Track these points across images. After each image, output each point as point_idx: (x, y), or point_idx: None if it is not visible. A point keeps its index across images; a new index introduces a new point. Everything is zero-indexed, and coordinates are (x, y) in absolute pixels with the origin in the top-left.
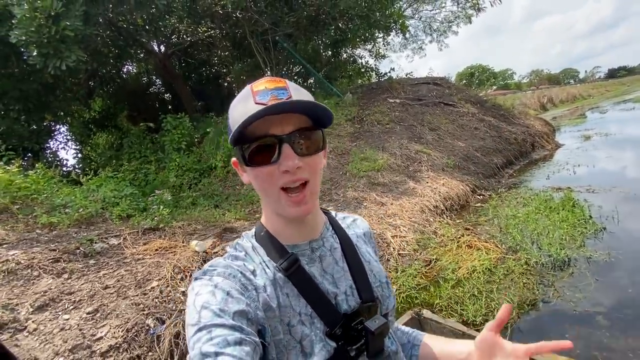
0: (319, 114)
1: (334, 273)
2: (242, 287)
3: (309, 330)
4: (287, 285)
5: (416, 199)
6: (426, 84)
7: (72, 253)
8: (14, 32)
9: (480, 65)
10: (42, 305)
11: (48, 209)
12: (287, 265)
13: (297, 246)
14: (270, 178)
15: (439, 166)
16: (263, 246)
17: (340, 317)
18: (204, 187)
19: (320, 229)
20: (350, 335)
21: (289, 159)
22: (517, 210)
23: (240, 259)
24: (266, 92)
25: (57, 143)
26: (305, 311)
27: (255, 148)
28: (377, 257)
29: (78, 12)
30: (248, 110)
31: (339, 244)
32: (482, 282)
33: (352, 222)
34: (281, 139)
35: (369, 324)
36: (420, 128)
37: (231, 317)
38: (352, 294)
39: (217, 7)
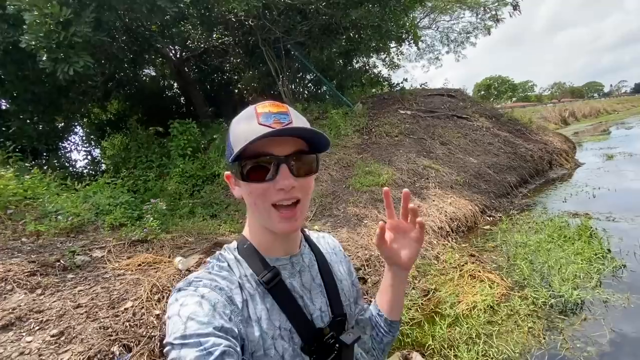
0: (316, 140)
1: (312, 289)
2: (228, 300)
3: (287, 344)
4: (268, 299)
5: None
6: (440, 95)
7: (50, 266)
8: (24, 37)
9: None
10: (7, 325)
11: (38, 216)
12: (269, 279)
13: (278, 260)
14: (264, 194)
15: (448, 183)
16: (245, 259)
17: (316, 332)
18: (206, 194)
19: (298, 245)
20: (323, 350)
21: (285, 178)
22: (527, 237)
23: (225, 270)
24: (270, 115)
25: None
26: (285, 325)
27: (254, 165)
28: (349, 274)
29: (88, 18)
30: (252, 130)
31: (316, 260)
32: (482, 323)
33: (323, 240)
34: (280, 159)
35: (344, 337)
36: (431, 142)
37: (218, 329)
38: (327, 310)
39: (230, 15)
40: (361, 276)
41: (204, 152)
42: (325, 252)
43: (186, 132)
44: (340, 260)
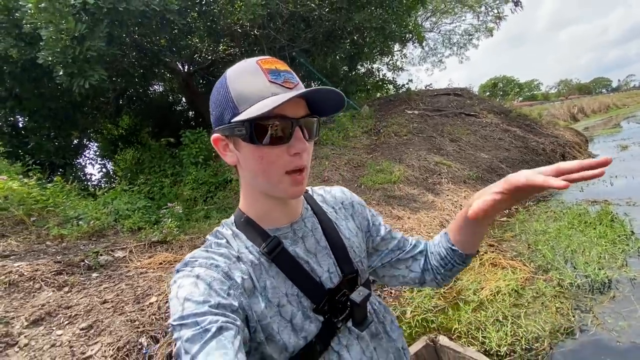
0: (328, 102)
1: (317, 252)
2: (225, 276)
3: (296, 309)
4: (272, 268)
5: (435, 212)
6: (446, 94)
7: (76, 265)
8: (41, 54)
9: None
10: (37, 320)
11: (61, 221)
12: (270, 249)
13: (278, 229)
14: (278, 159)
15: (460, 178)
16: (244, 232)
17: (325, 293)
18: (219, 200)
19: (300, 210)
20: (336, 308)
21: (301, 142)
22: (547, 225)
23: (223, 246)
24: (277, 72)
25: (86, 159)
26: (291, 291)
27: (268, 127)
28: (360, 226)
29: (102, 33)
30: (264, 87)
31: (319, 223)
32: (508, 306)
33: (329, 196)
34: (295, 122)
35: (354, 296)
36: (440, 139)
37: (214, 307)
38: (335, 270)
39: (236, 26)
40: None
41: (215, 160)
42: (331, 210)
43: (197, 141)
44: (348, 216)
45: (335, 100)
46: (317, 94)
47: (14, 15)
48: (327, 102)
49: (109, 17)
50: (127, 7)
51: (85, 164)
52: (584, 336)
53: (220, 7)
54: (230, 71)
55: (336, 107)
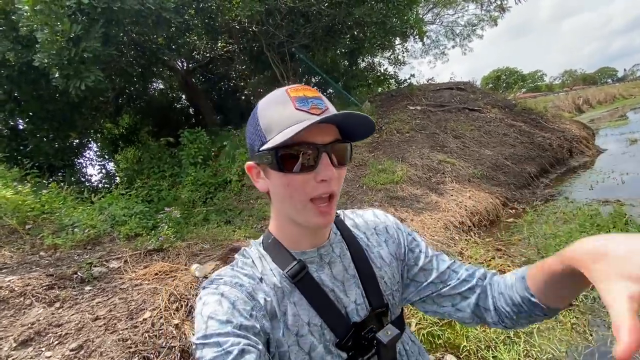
0: (358, 127)
1: (344, 280)
2: (249, 296)
3: (317, 341)
4: (295, 294)
5: (439, 214)
6: (449, 89)
7: (68, 278)
8: (37, 56)
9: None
10: (26, 340)
11: (56, 229)
12: (294, 273)
13: (305, 253)
14: (302, 187)
15: (465, 177)
16: (270, 254)
17: (350, 327)
18: (219, 201)
19: (328, 235)
20: (361, 345)
21: (328, 168)
22: (557, 228)
23: (248, 266)
24: (305, 99)
25: (86, 159)
26: (314, 321)
27: (294, 155)
28: (396, 254)
29: (97, 34)
30: (291, 116)
31: (348, 249)
32: None
33: (361, 221)
34: (321, 148)
35: (381, 335)
36: (443, 136)
37: (237, 327)
38: (363, 302)
39: (234, 23)
40: None
41: (215, 160)
42: (362, 236)
43: (196, 141)
44: (382, 242)
45: (366, 124)
46: (345, 118)
47: (11, 18)
48: (358, 126)
49: (104, 17)
50: (121, 7)
51: (85, 164)
52: (603, 358)
53: (218, 4)
54: (261, 102)
55: (368, 131)
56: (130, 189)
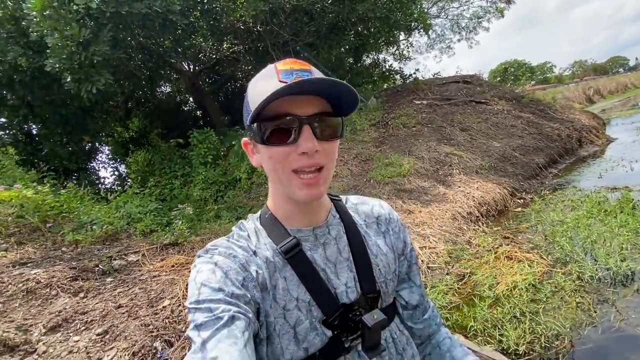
0: (343, 99)
1: (337, 262)
2: (241, 267)
3: (304, 317)
4: (287, 269)
5: (447, 205)
6: (455, 82)
7: (90, 271)
8: (49, 61)
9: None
10: (54, 326)
11: (75, 227)
12: (287, 249)
13: (300, 231)
14: (285, 159)
15: (472, 169)
16: (266, 228)
17: (338, 306)
18: (229, 199)
19: (324, 216)
20: (347, 326)
21: (308, 141)
22: (564, 215)
23: (243, 239)
24: (290, 72)
25: (99, 162)
26: (303, 297)
27: (275, 127)
28: (394, 247)
29: (106, 37)
30: (272, 88)
31: (345, 233)
32: (526, 301)
33: (365, 208)
34: (302, 120)
35: (367, 318)
36: (450, 129)
37: (228, 295)
38: (354, 285)
39: (239, 24)
40: None
41: (224, 159)
42: (362, 222)
43: (205, 141)
44: (380, 232)
45: (349, 95)
46: (327, 88)
47: (21, 24)
48: (344, 99)
49: (113, 21)
50: (129, 11)
51: (98, 167)
52: (607, 332)
53: (223, 5)
54: (252, 79)
55: (352, 103)
56: (144, 188)
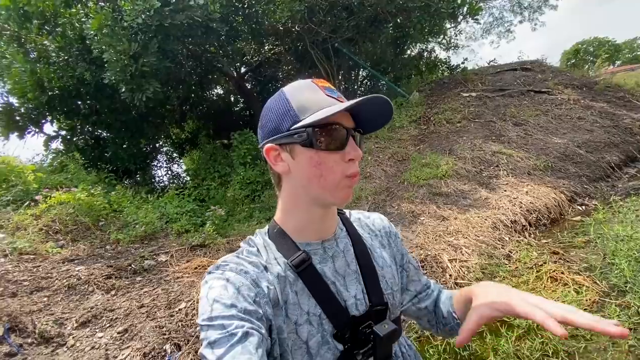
0: (371, 118)
1: (346, 275)
2: (253, 283)
3: (316, 330)
4: (298, 283)
5: (488, 211)
6: (512, 70)
7: (124, 269)
8: (107, 74)
9: (595, 38)
10: (85, 322)
11: (121, 226)
12: (298, 262)
13: (309, 245)
14: (335, 165)
15: (524, 169)
16: (275, 243)
17: (349, 319)
18: (266, 199)
19: (334, 229)
20: (358, 339)
21: (355, 149)
22: (633, 229)
23: (253, 254)
24: (331, 90)
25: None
26: (314, 311)
27: (328, 134)
28: (394, 259)
29: (153, 49)
30: (324, 100)
31: (352, 246)
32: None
33: (368, 222)
34: (350, 131)
35: (378, 328)
36: (501, 124)
37: (241, 311)
38: (363, 298)
39: (278, 25)
40: None
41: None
42: (367, 235)
43: (245, 142)
44: (384, 244)
45: (384, 115)
46: (369, 106)
47: (86, 43)
48: (372, 120)
49: (158, 33)
50: (172, 22)
51: (156, 167)
52: None
53: (263, 9)
54: (288, 87)
55: (383, 122)
56: (185, 189)
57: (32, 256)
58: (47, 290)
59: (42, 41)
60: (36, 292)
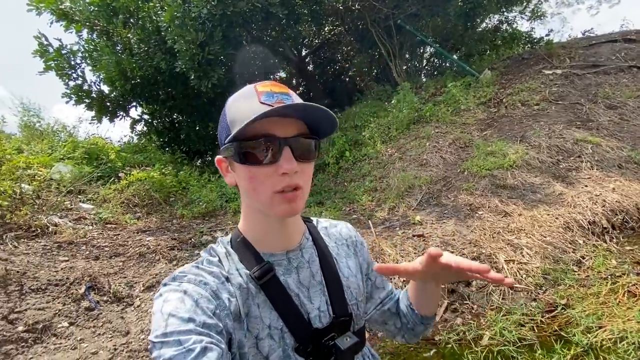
0: (318, 122)
1: (310, 287)
2: (213, 295)
3: (277, 345)
4: (259, 296)
5: (561, 209)
6: (610, 42)
7: (185, 242)
8: (178, 63)
9: None
10: (150, 286)
11: (186, 203)
12: (261, 274)
13: (273, 255)
14: (267, 179)
15: (613, 162)
16: (238, 253)
17: (311, 332)
18: (318, 182)
19: (298, 239)
20: (320, 352)
21: (289, 161)
22: None
23: (214, 265)
24: (271, 94)
25: None
26: (275, 324)
27: (255, 147)
28: (360, 269)
29: (218, 38)
30: (253, 108)
31: (317, 256)
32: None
33: (334, 231)
34: (282, 141)
35: (340, 342)
36: (590, 106)
37: (200, 325)
38: (327, 309)
39: (338, 4)
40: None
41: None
42: (333, 245)
43: None
44: (350, 254)
45: (328, 121)
46: (308, 112)
47: (162, 34)
48: (323, 123)
49: (222, 21)
50: (234, 10)
51: None
52: None
53: None
54: (230, 98)
55: (331, 126)
56: None
57: (114, 225)
58: (123, 256)
59: (126, 34)
60: (114, 257)
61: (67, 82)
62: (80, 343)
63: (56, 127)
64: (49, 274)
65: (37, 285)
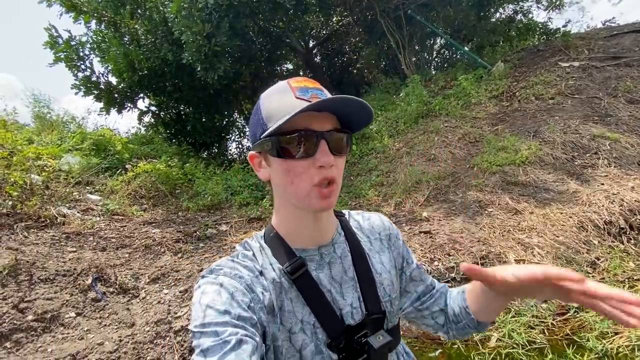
0: (353, 116)
1: (342, 282)
2: (247, 288)
3: (309, 339)
4: (292, 290)
5: (575, 208)
6: (633, 32)
7: (190, 235)
8: (184, 55)
9: None
10: (155, 278)
11: (192, 195)
12: (293, 269)
13: (305, 251)
14: (303, 172)
15: (632, 159)
16: (271, 248)
17: (343, 328)
18: None
19: (331, 234)
20: (353, 349)
21: (326, 155)
22: None
23: (249, 259)
24: (306, 89)
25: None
26: (308, 319)
27: (293, 141)
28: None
29: (225, 29)
30: (291, 103)
31: (350, 251)
32: None
33: (367, 224)
34: (320, 135)
35: (372, 340)
36: (609, 100)
37: (235, 318)
38: (359, 306)
39: None
40: None
41: None
42: (366, 240)
43: None
44: (384, 248)
45: (365, 113)
46: (343, 106)
47: (168, 25)
48: (356, 116)
49: (229, 12)
50: (241, 1)
51: (231, 141)
52: None
53: None
54: (264, 93)
55: (366, 121)
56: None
57: (121, 217)
58: (129, 248)
59: (133, 25)
60: (120, 249)
61: (76, 73)
62: (86, 333)
63: (66, 118)
64: (57, 264)
65: (46, 276)
